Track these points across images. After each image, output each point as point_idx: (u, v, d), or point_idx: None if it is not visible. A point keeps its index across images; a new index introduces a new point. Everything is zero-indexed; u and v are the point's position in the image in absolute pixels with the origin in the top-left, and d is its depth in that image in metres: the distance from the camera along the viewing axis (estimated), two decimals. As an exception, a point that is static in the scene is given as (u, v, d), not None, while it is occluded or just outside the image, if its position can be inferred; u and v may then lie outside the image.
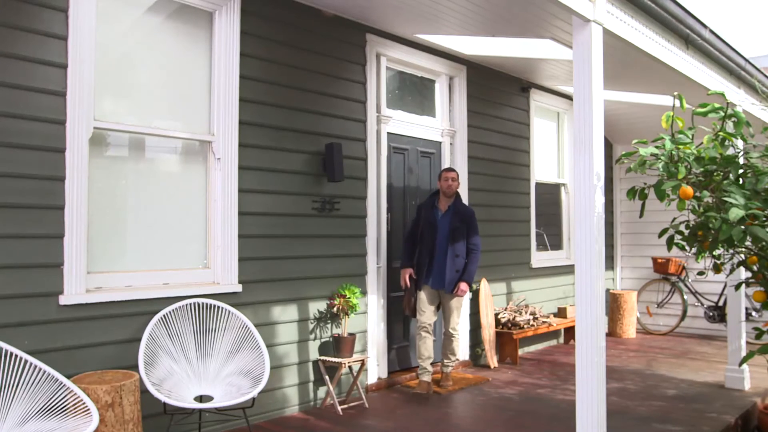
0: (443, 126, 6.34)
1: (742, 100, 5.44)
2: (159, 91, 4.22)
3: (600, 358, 3.24)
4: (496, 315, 6.58)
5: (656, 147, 3.09)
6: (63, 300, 3.52)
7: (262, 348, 4.00)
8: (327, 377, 4.83)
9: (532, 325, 6.67)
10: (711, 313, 8.01)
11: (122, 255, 3.99)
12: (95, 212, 3.80)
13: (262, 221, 4.60)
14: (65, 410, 3.09)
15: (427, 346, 5.27)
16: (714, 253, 3.32)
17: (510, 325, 6.52)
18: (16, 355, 3.15)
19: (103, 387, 3.19)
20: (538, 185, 7.60)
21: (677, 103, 3.15)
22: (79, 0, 3.62)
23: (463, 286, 5.26)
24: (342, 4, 4.98)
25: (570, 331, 7.58)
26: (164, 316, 3.89)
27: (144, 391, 3.46)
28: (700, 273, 3.94)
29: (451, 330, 5.40)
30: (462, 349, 6.34)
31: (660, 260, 8.34)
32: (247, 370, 3.94)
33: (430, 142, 6.21)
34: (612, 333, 8.31)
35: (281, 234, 4.70)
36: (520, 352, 6.79)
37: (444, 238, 5.28)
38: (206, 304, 4.12)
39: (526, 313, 6.77)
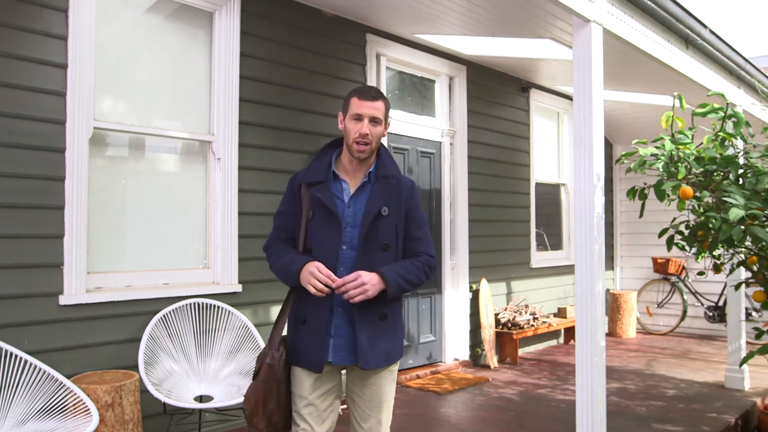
0: (443, 126, 6.34)
1: (742, 100, 5.45)
2: (159, 91, 4.22)
3: (600, 358, 3.24)
4: (496, 315, 6.58)
5: (656, 147, 3.10)
6: (63, 300, 3.52)
7: (263, 348, 3.99)
8: (327, 377, 4.82)
9: (532, 325, 6.67)
10: (711, 313, 8.01)
11: (122, 255, 3.99)
12: (95, 212, 3.80)
13: (263, 221, 4.60)
14: (65, 410, 3.09)
15: None
16: (714, 253, 3.33)
17: (510, 325, 6.52)
18: (16, 355, 3.15)
19: (103, 387, 3.19)
20: (538, 185, 7.61)
21: (677, 103, 3.15)
22: (79, 0, 3.62)
23: (369, 278, 2.27)
24: (342, 4, 4.98)
25: (570, 331, 7.58)
26: (164, 316, 3.88)
27: (144, 391, 3.46)
28: (700, 273, 3.94)
29: None
30: (462, 349, 6.34)
31: (660, 260, 8.34)
32: (248, 370, 3.93)
33: (430, 142, 6.21)
34: (612, 333, 8.31)
35: (281, 234, 4.70)
36: (520, 352, 6.79)
37: (354, 244, 2.39)
38: (206, 304, 4.12)
39: (526, 313, 6.77)
